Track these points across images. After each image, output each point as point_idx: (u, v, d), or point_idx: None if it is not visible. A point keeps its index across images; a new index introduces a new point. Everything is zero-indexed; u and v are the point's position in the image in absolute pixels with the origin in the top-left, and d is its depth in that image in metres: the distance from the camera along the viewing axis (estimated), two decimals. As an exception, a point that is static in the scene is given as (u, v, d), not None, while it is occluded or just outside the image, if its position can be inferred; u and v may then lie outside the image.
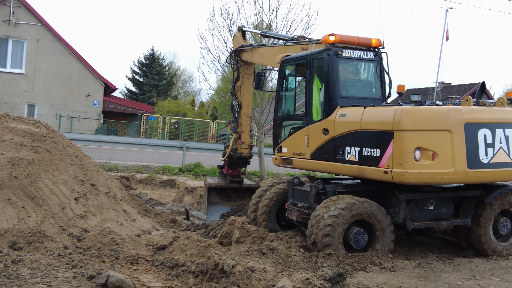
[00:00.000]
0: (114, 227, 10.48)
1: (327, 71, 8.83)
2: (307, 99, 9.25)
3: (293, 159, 9.58)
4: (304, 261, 7.03)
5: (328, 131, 8.74)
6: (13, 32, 31.75)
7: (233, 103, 13.51)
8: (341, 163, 8.50)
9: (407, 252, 8.72)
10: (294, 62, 9.88)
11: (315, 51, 9.26)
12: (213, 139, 39.29)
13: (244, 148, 13.54)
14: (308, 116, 9.21)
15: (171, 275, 6.35)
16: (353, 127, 8.30)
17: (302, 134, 9.37)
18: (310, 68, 9.16)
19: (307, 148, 9.18)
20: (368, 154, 8.03)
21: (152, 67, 61.07)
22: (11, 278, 5.79)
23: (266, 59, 12.23)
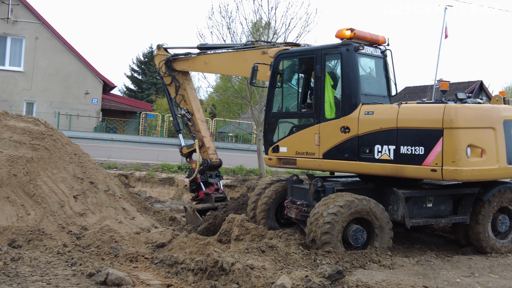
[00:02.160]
0: (113, 225, 10.50)
1: (346, 67, 8.58)
2: (317, 96, 8.82)
3: (297, 159, 9.12)
4: (303, 258, 7.04)
5: (349, 129, 8.50)
6: (11, 30, 31.71)
7: (182, 113, 12.52)
8: (369, 162, 8.34)
9: (406, 250, 8.73)
10: (294, 56, 9.45)
11: (328, 45, 8.89)
12: (212, 136, 39.25)
13: (212, 154, 12.49)
14: (319, 114, 8.83)
15: (170, 272, 6.36)
16: (386, 124, 8.18)
17: (310, 132, 8.94)
18: (321, 63, 8.81)
19: (317, 147, 8.83)
20: (408, 153, 7.95)
21: (151, 65, 60.93)
22: (11, 276, 5.79)
23: (212, 67, 11.84)
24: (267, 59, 9.86)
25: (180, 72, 12.60)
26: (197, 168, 12.15)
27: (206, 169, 12.26)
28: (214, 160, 12.42)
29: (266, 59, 9.87)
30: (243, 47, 11.01)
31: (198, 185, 12.26)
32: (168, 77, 12.66)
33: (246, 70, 10.73)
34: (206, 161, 12.25)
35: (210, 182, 12.27)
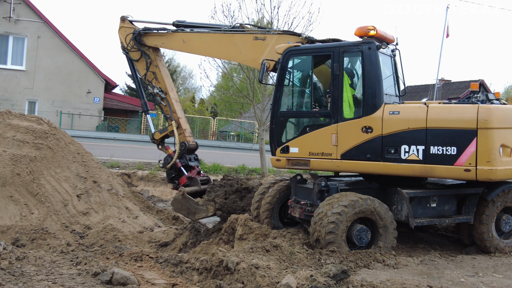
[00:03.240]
0: (117, 224, 10.52)
1: (369, 66, 8.44)
2: (334, 95, 8.59)
3: (311, 160, 8.76)
4: (307, 258, 7.04)
5: (371, 129, 8.37)
6: (13, 29, 31.72)
7: (155, 92, 11.38)
8: (395, 163, 8.28)
9: (409, 249, 8.73)
10: (307, 53, 9.09)
11: (347, 43, 8.73)
12: (214, 136, 39.30)
13: (189, 136, 11.41)
14: (337, 113, 8.60)
15: (175, 272, 6.36)
16: (415, 124, 8.15)
17: (326, 132, 8.66)
18: (339, 61, 8.59)
19: (335, 148, 8.58)
20: (439, 153, 7.97)
21: (152, 63, 60.86)
22: (16, 275, 5.79)
23: (191, 46, 10.89)
24: (273, 53, 9.47)
25: (151, 48, 11.47)
26: (177, 152, 11.05)
27: (185, 153, 11.26)
28: (191, 143, 11.44)
29: (273, 54, 9.49)
30: (232, 29, 10.35)
31: (179, 171, 11.18)
32: (136, 53, 11.48)
33: (233, 55, 10.41)
34: (184, 143, 11.20)
35: (191, 165, 11.26)
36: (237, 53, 9.87)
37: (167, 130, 11.36)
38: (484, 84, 47.53)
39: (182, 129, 11.29)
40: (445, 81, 49.80)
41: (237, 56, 10.01)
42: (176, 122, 11.26)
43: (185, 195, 10.21)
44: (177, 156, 11.04)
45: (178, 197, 10.31)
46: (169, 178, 11.41)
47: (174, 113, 11.33)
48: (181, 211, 10.43)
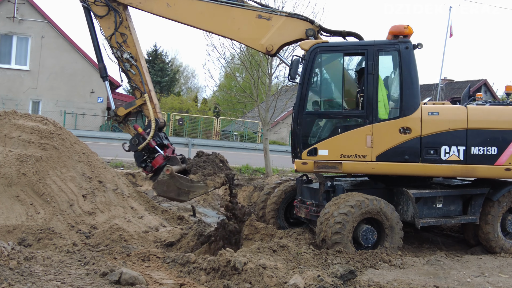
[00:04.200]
0: (122, 223, 10.53)
1: (407, 66, 8.39)
2: (369, 95, 8.40)
3: (343, 163, 8.41)
4: (314, 258, 7.06)
5: (410, 130, 8.33)
6: (17, 29, 31.79)
7: (125, 57, 9.57)
8: (434, 163, 8.34)
9: (415, 249, 8.75)
10: (337, 51, 8.78)
11: (383, 41, 8.57)
12: (217, 135, 39.32)
13: (159, 113, 9.84)
14: (371, 114, 8.41)
15: (182, 272, 6.39)
16: (455, 125, 8.30)
17: (360, 133, 8.43)
18: (374, 60, 8.42)
19: (370, 149, 8.39)
20: (480, 153, 8.24)
21: (155, 63, 61.08)
22: (24, 275, 5.82)
23: (177, 12, 9.50)
24: (277, 37, 9.07)
25: (121, 5, 9.69)
26: (152, 129, 9.40)
27: (157, 130, 9.64)
28: (161, 120, 9.94)
29: (277, 38, 9.04)
30: (230, 2, 9.31)
31: (153, 151, 9.53)
32: (102, 8, 9.61)
33: (230, 30, 9.44)
34: (157, 120, 9.58)
35: (165, 144, 9.67)
36: (235, 29, 9.21)
37: (135, 105, 9.65)
38: (487, 83, 47.52)
39: (154, 104, 9.68)
40: (448, 80, 49.75)
41: (234, 32, 9.29)
42: (148, 94, 9.58)
43: (173, 174, 8.93)
44: (152, 134, 9.36)
45: (164, 178, 8.90)
46: (139, 162, 9.62)
47: (146, 85, 9.63)
48: (168, 193, 9.03)
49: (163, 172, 8.95)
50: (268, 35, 9.10)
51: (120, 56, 9.64)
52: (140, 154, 9.56)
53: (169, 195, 9.13)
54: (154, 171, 9.38)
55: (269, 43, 9.04)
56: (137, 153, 9.55)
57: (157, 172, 9.29)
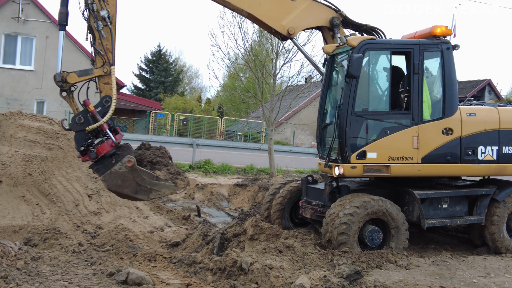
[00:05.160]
0: (127, 223, 10.56)
1: (448, 66, 8.45)
2: (415, 95, 8.30)
3: (392, 166, 8.20)
4: (320, 258, 7.07)
5: (452, 131, 8.37)
6: (22, 29, 31.85)
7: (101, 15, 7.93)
8: (472, 164, 8.50)
9: (421, 250, 8.75)
10: (385, 49, 8.54)
11: (427, 41, 8.47)
12: (221, 135, 39.35)
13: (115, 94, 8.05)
14: (417, 115, 8.31)
15: (189, 272, 6.41)
16: (490, 126, 8.59)
17: (406, 135, 8.28)
18: (419, 60, 8.33)
19: (416, 151, 8.28)
20: (510, 152, 8.69)
21: (158, 63, 61.14)
22: (32, 275, 5.85)
23: None
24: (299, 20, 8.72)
25: None
26: (112, 110, 7.87)
27: None
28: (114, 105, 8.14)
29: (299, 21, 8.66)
30: None
31: (103, 135, 7.80)
32: None
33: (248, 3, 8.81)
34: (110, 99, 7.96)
35: (116, 129, 8.05)
36: (255, 4, 8.70)
37: (92, 74, 7.95)
38: (491, 83, 47.41)
39: (111, 80, 8.05)
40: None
41: (254, 7, 8.72)
42: (108, 67, 7.99)
43: (135, 167, 7.58)
44: (110, 116, 7.83)
45: (121, 169, 7.48)
46: (80, 144, 7.79)
47: (110, 53, 8.06)
48: (122, 189, 7.60)
49: (122, 162, 7.50)
50: (291, 17, 8.84)
51: (94, 11, 7.96)
52: (83, 135, 7.78)
53: (122, 191, 7.65)
54: (99, 159, 7.66)
55: (291, 25, 8.79)
56: (80, 134, 7.77)
57: (102, 160, 7.65)
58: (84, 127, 7.67)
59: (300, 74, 20.18)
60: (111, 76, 7.93)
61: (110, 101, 7.89)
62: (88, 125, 7.66)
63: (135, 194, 7.69)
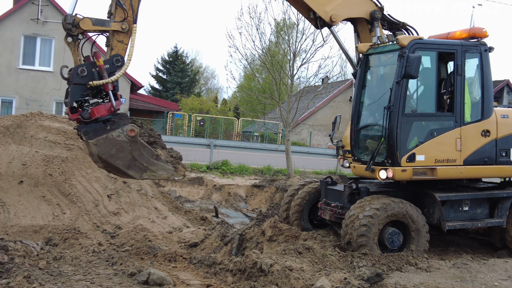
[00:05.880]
0: (146, 224, 10.62)
1: (486, 68, 8.45)
2: (458, 96, 8.23)
3: (437, 168, 8.12)
4: (340, 260, 7.05)
5: (489, 132, 8.38)
6: (41, 31, 32.17)
7: None
8: (506, 165, 8.57)
9: (441, 252, 8.69)
10: (433, 49, 8.33)
11: (468, 42, 8.42)
12: (238, 136, 39.40)
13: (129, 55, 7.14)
14: (459, 116, 8.24)
15: (209, 273, 6.43)
16: None
17: (450, 136, 8.21)
18: (461, 61, 8.27)
19: (459, 153, 8.22)
20: None
21: (175, 64, 61.40)
22: (54, 275, 5.91)
23: None
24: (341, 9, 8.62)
25: None
26: (124, 70, 7.06)
27: None
28: None
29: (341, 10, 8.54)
30: None
31: (101, 97, 7.01)
32: None
33: None
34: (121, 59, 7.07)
35: (117, 95, 7.08)
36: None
37: (108, 26, 7.08)
38: (510, 84, 46.89)
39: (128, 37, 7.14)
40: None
41: None
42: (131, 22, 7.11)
43: (137, 139, 6.83)
44: (118, 77, 6.94)
45: (120, 137, 6.74)
46: (74, 99, 6.90)
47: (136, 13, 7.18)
48: (113, 159, 6.74)
49: (123, 130, 6.73)
50: (335, 3, 8.73)
51: None
52: (80, 90, 6.85)
53: (114, 162, 6.75)
54: (90, 121, 6.77)
55: (334, 13, 8.66)
56: (78, 87, 6.84)
57: (93, 124, 6.80)
58: (85, 81, 6.74)
59: (317, 75, 20.17)
60: (128, 35, 7.05)
61: (122, 62, 6.99)
62: (91, 80, 6.74)
63: (127, 169, 6.84)
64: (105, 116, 6.81)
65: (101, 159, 6.77)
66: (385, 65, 8.97)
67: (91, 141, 6.65)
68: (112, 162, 6.74)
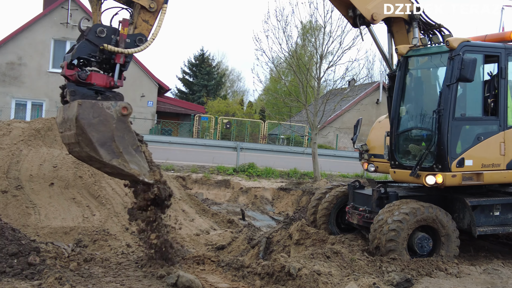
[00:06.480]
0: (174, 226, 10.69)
1: None
2: (500, 99, 8.12)
3: (484, 173, 8.02)
4: (368, 265, 7.00)
5: None
6: (70, 34, 32.64)
7: None
8: None
9: (471, 258, 8.56)
10: (480, 51, 8.12)
11: (510, 45, 8.25)
12: (264, 139, 39.43)
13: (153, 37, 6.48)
14: (503, 120, 8.13)
15: (237, 276, 6.44)
16: None
17: (495, 141, 8.11)
18: (505, 64, 8.11)
19: (502, 158, 8.14)
20: None
21: (201, 67, 61.76)
22: (84, 277, 5.99)
23: None
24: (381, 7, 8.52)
25: None
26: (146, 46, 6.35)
27: None
28: None
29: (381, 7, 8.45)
30: None
31: (106, 68, 6.32)
32: None
33: None
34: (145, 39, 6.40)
35: (122, 75, 6.48)
36: None
37: None
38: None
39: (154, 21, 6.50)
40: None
41: None
42: None
43: (126, 120, 6.05)
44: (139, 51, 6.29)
45: (109, 110, 5.92)
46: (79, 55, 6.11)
47: None
48: (91, 129, 5.80)
49: (115, 104, 5.98)
50: (376, 2, 8.65)
51: None
52: (90, 49, 6.17)
53: (88, 133, 5.80)
54: (82, 84, 6.06)
55: (375, 11, 8.57)
56: (89, 45, 6.15)
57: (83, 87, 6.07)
58: (99, 42, 6.11)
59: (344, 77, 20.08)
60: (155, 16, 6.42)
61: (143, 43, 6.33)
62: (107, 43, 6.12)
63: (100, 145, 5.89)
64: (100, 87, 6.16)
65: (77, 124, 5.76)
66: (428, 68, 8.84)
67: (78, 100, 5.79)
68: (88, 131, 5.79)
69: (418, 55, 8.64)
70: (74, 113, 5.70)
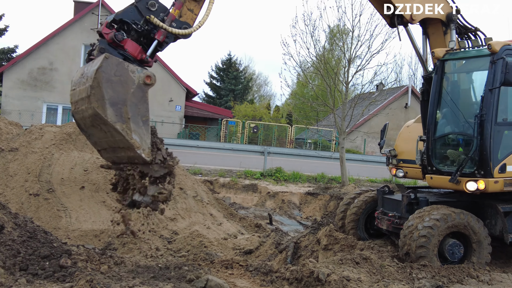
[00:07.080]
0: (202, 230, 10.73)
1: None
2: None
3: None
4: (398, 271, 6.92)
5: None
6: (100, 40, 33.15)
7: None
8: None
9: (502, 265, 8.40)
10: None
11: None
12: (291, 143, 39.37)
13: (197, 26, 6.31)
14: None
15: (265, 281, 6.44)
16: None
17: None
18: None
19: None
20: None
21: (229, 71, 62.04)
22: (115, 280, 6.04)
23: None
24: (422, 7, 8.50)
25: None
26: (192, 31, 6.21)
27: None
28: None
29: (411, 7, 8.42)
30: None
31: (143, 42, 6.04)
32: None
33: None
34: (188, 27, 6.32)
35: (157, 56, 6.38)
36: None
37: None
38: None
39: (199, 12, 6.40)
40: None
41: None
42: None
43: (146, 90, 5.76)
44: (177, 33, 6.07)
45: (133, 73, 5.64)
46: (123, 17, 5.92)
47: None
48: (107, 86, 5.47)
49: (140, 70, 5.71)
50: (416, 1, 8.59)
51: None
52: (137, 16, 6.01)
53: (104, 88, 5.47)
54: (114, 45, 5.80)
55: (413, 11, 8.53)
56: (136, 12, 5.99)
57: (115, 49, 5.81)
58: (147, 13, 6.00)
59: (372, 82, 19.94)
60: (200, 5, 6.29)
61: (187, 30, 6.17)
62: (155, 16, 5.99)
63: (109, 104, 5.52)
64: (130, 55, 5.91)
65: (96, 75, 5.48)
66: (467, 72, 8.69)
67: (105, 53, 5.61)
68: (104, 87, 5.51)
69: (456, 58, 8.48)
70: (97, 65, 5.49)
